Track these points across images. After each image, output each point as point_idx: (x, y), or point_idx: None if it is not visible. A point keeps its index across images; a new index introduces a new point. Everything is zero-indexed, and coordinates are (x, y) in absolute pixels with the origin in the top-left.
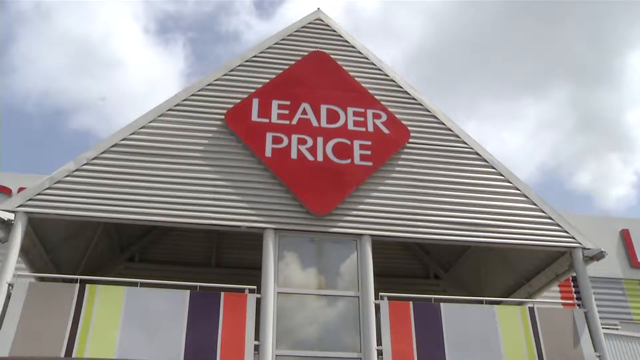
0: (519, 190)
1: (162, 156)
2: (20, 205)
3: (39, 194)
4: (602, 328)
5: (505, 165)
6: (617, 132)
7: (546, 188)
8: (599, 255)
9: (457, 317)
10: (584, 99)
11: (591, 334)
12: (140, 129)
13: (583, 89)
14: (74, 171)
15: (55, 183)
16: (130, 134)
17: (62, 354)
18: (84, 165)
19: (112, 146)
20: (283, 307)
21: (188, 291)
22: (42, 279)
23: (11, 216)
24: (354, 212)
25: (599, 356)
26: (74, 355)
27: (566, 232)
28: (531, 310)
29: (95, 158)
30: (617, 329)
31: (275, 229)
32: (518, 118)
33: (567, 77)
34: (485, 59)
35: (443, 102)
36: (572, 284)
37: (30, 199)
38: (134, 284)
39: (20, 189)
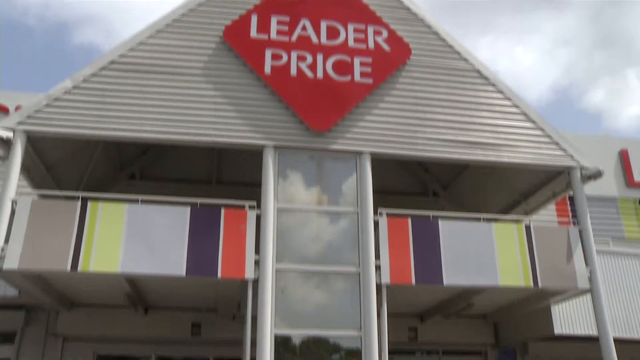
0: (519, 108)
1: (161, 73)
2: (19, 123)
3: (37, 112)
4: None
5: (507, 84)
6: (636, 47)
7: (556, 108)
8: (596, 175)
9: (455, 233)
10: (605, 13)
11: (584, 251)
12: (138, 45)
13: (605, 3)
14: (73, 88)
15: (53, 101)
16: (128, 51)
17: (68, 269)
18: (82, 82)
19: (110, 63)
20: (283, 223)
21: (189, 207)
22: (44, 196)
23: (10, 134)
24: (354, 130)
25: (589, 271)
26: (79, 269)
27: (565, 151)
28: (527, 227)
29: (92, 75)
30: (608, 246)
31: (274, 145)
32: (534, 33)
33: None
34: None
35: (458, 16)
36: (568, 202)
37: (28, 117)
38: (135, 201)
39: (18, 108)
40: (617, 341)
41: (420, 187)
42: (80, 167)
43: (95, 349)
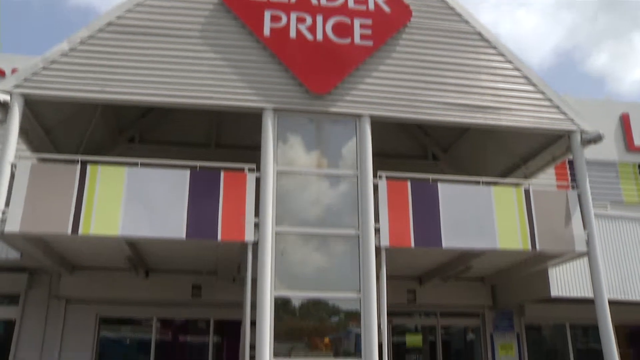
0: (520, 72)
1: (159, 35)
2: (16, 86)
3: (34, 75)
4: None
5: (509, 47)
6: None
7: (559, 71)
8: (596, 139)
9: (454, 196)
10: None
11: (582, 215)
12: (135, 7)
13: None
14: (69, 51)
15: (50, 63)
16: (125, 13)
17: (69, 232)
18: (79, 45)
19: (107, 25)
20: (282, 186)
21: (188, 170)
22: (43, 160)
23: (7, 97)
24: (354, 92)
25: (587, 234)
26: (80, 232)
27: (565, 114)
28: (526, 191)
29: (89, 37)
30: (606, 210)
31: (274, 108)
32: None
33: None
34: None
35: None
36: (568, 166)
37: (25, 79)
38: (135, 164)
39: (14, 70)
40: (612, 303)
41: (420, 150)
42: (79, 130)
43: (97, 311)
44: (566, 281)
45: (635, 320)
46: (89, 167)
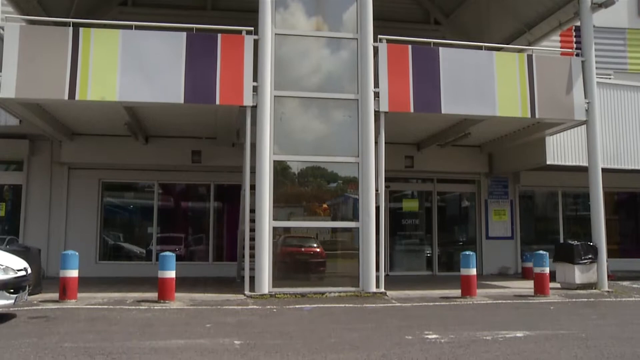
0: None
1: None
2: None
3: None
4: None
5: None
6: None
7: None
8: (608, 3)
9: (455, 62)
10: None
11: (584, 83)
12: None
13: None
14: None
15: None
16: None
17: (66, 97)
18: None
19: None
20: (281, 50)
21: (184, 33)
22: (32, 23)
23: None
24: None
25: (587, 103)
26: (76, 98)
27: None
28: (529, 57)
29: None
30: (609, 78)
31: None
32: None
33: None
34: None
35: None
36: (573, 32)
37: None
38: (129, 27)
39: None
40: (604, 170)
41: (422, 15)
42: None
43: (100, 176)
44: (562, 149)
45: (625, 188)
46: (81, 31)
